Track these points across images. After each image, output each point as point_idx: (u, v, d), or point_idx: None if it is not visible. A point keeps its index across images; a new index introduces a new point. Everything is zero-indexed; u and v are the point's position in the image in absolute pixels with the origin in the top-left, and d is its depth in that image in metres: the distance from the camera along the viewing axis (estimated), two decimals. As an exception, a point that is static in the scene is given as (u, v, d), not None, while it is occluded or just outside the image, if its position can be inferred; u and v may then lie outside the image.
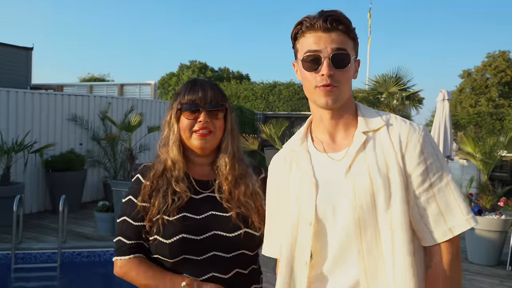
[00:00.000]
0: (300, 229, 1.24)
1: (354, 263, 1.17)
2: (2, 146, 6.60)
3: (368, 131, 1.23)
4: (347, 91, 1.24)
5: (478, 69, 29.28)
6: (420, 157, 1.18)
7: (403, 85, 7.38)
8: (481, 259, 5.40)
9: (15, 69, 15.62)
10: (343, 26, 1.20)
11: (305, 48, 1.22)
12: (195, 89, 1.47)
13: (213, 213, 1.44)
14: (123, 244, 1.46)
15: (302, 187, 1.26)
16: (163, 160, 1.49)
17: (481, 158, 5.63)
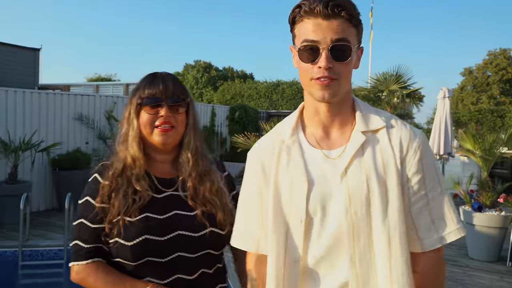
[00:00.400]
0: (291, 226, 1.17)
1: (346, 268, 1.13)
2: (9, 145, 6.71)
3: (367, 131, 1.16)
4: (347, 84, 1.15)
5: (479, 67, 29.16)
6: (419, 164, 1.14)
7: (403, 83, 7.42)
8: (481, 255, 5.44)
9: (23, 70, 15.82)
10: (345, 12, 1.08)
11: (302, 36, 1.11)
12: (155, 83, 1.40)
13: (177, 213, 1.38)
14: (80, 248, 1.36)
15: (293, 182, 1.17)
16: (122, 158, 1.41)
17: (481, 155, 5.66)
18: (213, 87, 25.57)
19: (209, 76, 26.96)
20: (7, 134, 6.83)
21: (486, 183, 5.52)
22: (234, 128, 12.45)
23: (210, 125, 11.96)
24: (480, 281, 4.73)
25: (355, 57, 1.15)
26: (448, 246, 6.03)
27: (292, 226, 1.17)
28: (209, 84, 26.44)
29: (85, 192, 1.41)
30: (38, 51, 16.59)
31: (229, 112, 13.01)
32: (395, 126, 1.18)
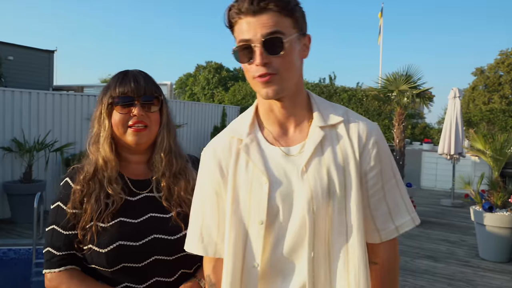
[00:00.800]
0: (250, 228, 1.12)
1: (303, 269, 1.10)
2: (24, 145, 6.83)
3: (325, 126, 1.14)
4: (292, 77, 1.10)
5: (491, 66, 28.78)
6: (377, 158, 1.14)
7: (413, 83, 7.38)
8: (492, 256, 5.41)
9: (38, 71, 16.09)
10: (273, 4, 1.04)
11: (238, 37, 1.09)
12: (126, 81, 1.34)
13: (152, 215, 1.33)
14: (52, 255, 1.32)
15: (253, 182, 1.13)
16: (94, 161, 1.35)
17: (492, 154, 5.62)
18: (224, 88, 25.66)
19: (220, 77, 27.06)
20: (22, 135, 6.96)
21: (497, 183, 5.48)
22: (245, 129, 12.48)
23: (221, 126, 12.03)
24: (491, 282, 4.71)
25: (297, 47, 1.10)
26: (459, 247, 6.01)
27: (251, 229, 1.12)
28: (220, 85, 26.53)
29: (56, 197, 1.37)
30: (52, 53, 16.86)
31: (240, 112, 13.06)
32: (352, 120, 1.17)
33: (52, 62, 16.70)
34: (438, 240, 6.37)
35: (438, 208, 8.93)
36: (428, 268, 5.07)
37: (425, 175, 11.68)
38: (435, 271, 5.00)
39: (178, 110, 10.52)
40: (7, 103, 6.90)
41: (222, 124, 12.14)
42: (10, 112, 6.94)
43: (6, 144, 6.84)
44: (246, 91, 19.55)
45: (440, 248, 5.93)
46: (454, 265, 5.23)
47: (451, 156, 8.84)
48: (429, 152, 11.73)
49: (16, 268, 5.20)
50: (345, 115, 1.18)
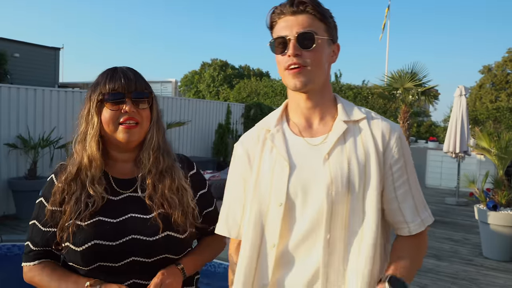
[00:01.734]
0: (270, 210, 1.21)
1: (318, 251, 1.16)
2: (29, 141, 6.87)
3: (349, 121, 1.24)
4: (320, 73, 1.22)
5: (499, 64, 28.57)
6: (400, 152, 1.22)
7: (418, 81, 7.34)
8: (496, 255, 5.38)
9: (44, 68, 16.18)
10: (310, 8, 1.19)
11: (276, 34, 1.23)
12: (116, 77, 1.32)
13: (132, 216, 1.31)
14: (29, 250, 1.35)
15: (275, 168, 1.23)
16: (78, 160, 1.34)
17: (497, 153, 5.58)
18: (229, 85, 25.67)
19: (225, 74, 27.07)
20: (27, 131, 7.00)
21: (501, 182, 5.44)
22: (250, 126, 12.45)
23: (225, 123, 12.04)
24: (495, 281, 4.69)
25: (326, 49, 1.24)
26: (462, 245, 5.98)
27: (271, 210, 1.21)
28: (225, 82, 26.55)
29: (41, 193, 1.38)
30: (58, 50, 16.96)
31: (245, 109, 13.06)
32: (376, 118, 1.27)
33: (58, 59, 16.80)
34: (442, 238, 6.34)
35: (442, 207, 8.89)
36: (431, 267, 5.05)
37: (430, 173, 11.63)
38: (439, 269, 4.98)
39: (183, 108, 10.54)
40: (12, 100, 6.94)
41: (227, 122, 12.14)
42: (16, 109, 6.98)
43: (11, 140, 6.88)
44: (251, 88, 19.54)
45: (443, 247, 5.91)
46: (457, 264, 5.21)
47: (456, 154, 8.79)
48: (434, 150, 11.67)
49: (21, 264, 5.25)
50: (369, 113, 1.28)
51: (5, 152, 6.83)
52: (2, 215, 6.78)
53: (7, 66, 14.14)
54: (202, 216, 1.44)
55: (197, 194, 1.44)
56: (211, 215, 1.48)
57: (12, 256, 5.34)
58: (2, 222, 6.43)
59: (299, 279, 1.19)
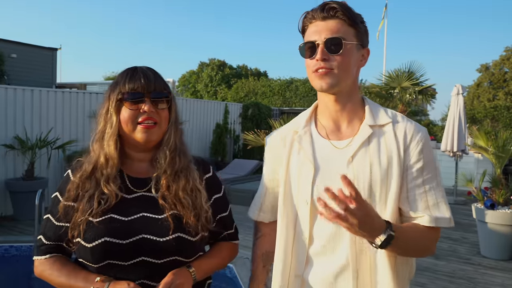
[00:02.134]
0: (299, 207, 1.31)
1: (346, 247, 1.24)
2: (26, 142, 6.86)
3: (375, 125, 1.28)
4: (346, 77, 1.27)
5: (496, 63, 28.61)
6: (420, 154, 1.25)
7: (415, 80, 7.35)
8: (494, 254, 5.38)
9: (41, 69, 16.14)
10: (340, 13, 1.24)
11: (306, 38, 1.29)
12: (136, 77, 1.32)
13: (144, 215, 1.30)
14: (42, 243, 1.36)
15: (302, 168, 1.31)
16: (94, 159, 1.34)
17: (494, 152, 5.59)
18: (227, 85, 25.66)
19: (223, 74, 27.05)
20: (24, 132, 6.99)
21: (499, 181, 5.45)
22: (247, 126, 12.49)
23: (223, 123, 12.03)
24: (493, 280, 4.69)
25: (355, 54, 1.27)
26: (460, 244, 5.99)
27: (300, 207, 1.31)
28: (223, 82, 26.53)
29: (58, 187, 1.39)
30: (55, 51, 16.92)
31: (242, 109, 13.05)
32: (401, 121, 1.29)
33: (55, 59, 16.76)
34: (440, 237, 6.34)
35: (440, 206, 8.89)
36: (429, 266, 5.05)
37: (428, 173, 11.63)
38: (436, 268, 4.99)
39: (180, 108, 10.43)
40: (9, 101, 6.92)
41: (225, 121, 12.14)
42: (13, 110, 6.97)
43: (9, 141, 6.87)
44: (249, 88, 19.55)
45: (441, 246, 5.91)
46: (455, 263, 5.21)
47: (454, 153, 8.80)
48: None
49: (18, 265, 5.23)
50: (395, 117, 1.31)
51: (2, 153, 6.82)
52: (0, 216, 6.76)
53: (4, 67, 14.09)
54: (216, 221, 1.42)
55: (211, 198, 1.42)
56: (225, 220, 1.47)
57: (9, 258, 5.33)
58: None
59: (326, 273, 1.27)
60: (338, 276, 1.25)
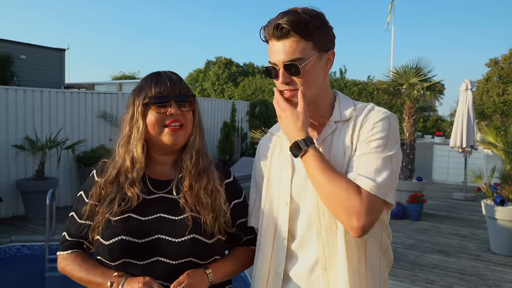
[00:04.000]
0: (279, 208, 1.35)
1: (314, 241, 1.28)
2: (36, 143, 6.93)
3: (339, 121, 1.32)
4: (312, 89, 1.29)
5: (506, 57, 28.26)
6: (369, 131, 1.25)
7: (423, 76, 7.30)
8: (504, 250, 5.36)
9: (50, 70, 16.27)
10: (293, 32, 1.22)
11: (269, 56, 1.30)
12: (161, 81, 1.36)
13: (161, 216, 1.33)
14: (64, 239, 1.42)
15: (282, 170, 1.37)
16: (120, 163, 1.38)
17: (503, 147, 5.55)
18: (234, 83, 25.66)
19: (230, 72, 27.05)
20: (34, 133, 7.06)
21: (508, 177, 5.41)
22: (255, 124, 12.50)
23: (230, 121, 12.05)
24: (503, 276, 4.67)
25: (318, 65, 1.28)
26: (470, 241, 5.97)
27: (280, 208, 1.35)
28: (230, 80, 26.53)
29: (82, 186, 1.44)
30: (63, 52, 17.04)
31: (250, 107, 13.06)
32: (364, 113, 1.31)
33: (63, 60, 16.88)
34: (449, 234, 6.33)
35: (449, 202, 8.85)
36: (438, 263, 5.04)
37: (437, 169, 11.58)
38: (446, 265, 4.97)
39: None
40: (19, 102, 7.00)
41: (232, 120, 12.15)
42: (23, 111, 7.05)
43: (19, 142, 6.95)
44: (256, 86, 19.53)
45: (451, 242, 5.89)
46: (465, 260, 5.19)
47: (463, 149, 8.75)
48: (440, 145, 11.61)
49: (30, 264, 5.30)
50: (361, 110, 1.32)
51: (13, 153, 6.90)
52: (11, 216, 6.86)
53: (13, 68, 14.23)
54: (235, 226, 1.44)
55: (231, 203, 1.44)
56: (244, 225, 1.48)
57: (21, 257, 5.40)
58: (11, 223, 6.50)
59: (303, 268, 1.32)
60: (311, 271, 1.30)
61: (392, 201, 1.22)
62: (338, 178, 1.20)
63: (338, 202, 1.18)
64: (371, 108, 1.33)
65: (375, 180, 1.19)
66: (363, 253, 1.27)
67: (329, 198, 1.20)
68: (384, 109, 1.32)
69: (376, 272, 1.31)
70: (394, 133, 1.27)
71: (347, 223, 1.18)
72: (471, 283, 4.47)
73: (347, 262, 1.24)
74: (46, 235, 5.22)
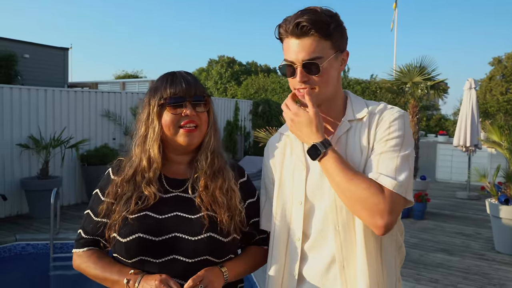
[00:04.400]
0: (293, 208, 1.35)
1: (331, 240, 1.28)
2: (41, 141, 6.95)
3: (353, 119, 1.33)
4: (328, 90, 1.31)
5: (509, 55, 28.17)
6: (386, 130, 1.27)
7: (427, 75, 7.28)
8: (508, 249, 5.35)
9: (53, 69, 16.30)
10: (314, 30, 1.23)
11: (284, 54, 1.30)
12: (177, 82, 1.36)
13: (177, 214, 1.34)
14: (80, 237, 1.42)
15: (294, 170, 1.37)
16: (136, 163, 1.39)
17: (508, 146, 5.53)
18: (236, 82, 25.65)
19: (233, 71, 27.04)
20: (38, 132, 7.09)
21: (513, 176, 5.39)
22: (258, 123, 12.51)
23: (233, 120, 12.05)
24: (507, 275, 4.66)
25: (334, 65, 1.29)
26: (474, 240, 5.95)
27: (294, 208, 1.35)
28: (233, 79, 26.52)
29: (98, 184, 1.45)
30: (67, 50, 17.08)
31: (253, 106, 13.06)
32: (378, 111, 1.32)
33: (67, 59, 16.93)
34: (453, 233, 6.31)
35: (453, 201, 8.83)
36: (442, 262, 5.03)
37: (440, 168, 11.55)
38: (450, 264, 4.97)
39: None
40: (23, 101, 7.02)
41: (235, 118, 12.16)
42: (27, 110, 7.07)
43: (23, 141, 6.97)
44: (259, 85, 19.53)
45: (454, 241, 5.88)
46: (469, 259, 5.18)
47: (466, 148, 8.72)
48: (444, 144, 11.58)
49: (34, 263, 5.33)
50: (374, 109, 1.34)
51: (17, 152, 6.92)
52: (16, 214, 6.88)
53: (17, 67, 14.26)
54: (249, 225, 1.45)
55: (246, 202, 1.45)
56: (258, 225, 1.49)
57: (26, 255, 5.42)
58: (15, 221, 6.53)
59: (318, 267, 1.31)
60: (327, 270, 1.30)
61: (411, 199, 1.24)
62: (359, 178, 1.21)
63: (360, 202, 1.19)
64: (384, 107, 1.34)
65: (397, 179, 1.20)
66: (379, 250, 1.28)
67: (350, 198, 1.21)
68: (397, 108, 1.34)
69: (392, 269, 1.32)
70: (409, 132, 1.30)
71: (370, 222, 1.19)
72: (476, 282, 4.46)
73: (367, 258, 1.24)
74: (51, 233, 5.23)
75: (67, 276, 5.12)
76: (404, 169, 1.22)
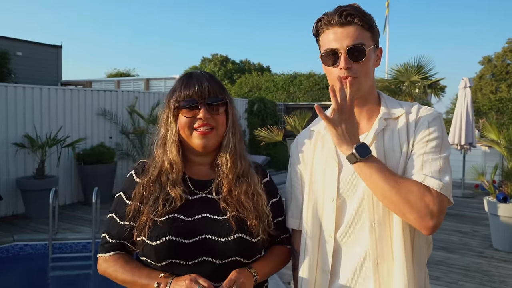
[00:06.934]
0: (325, 204, 1.35)
1: (366, 236, 1.29)
2: (36, 140, 6.88)
3: (389, 118, 1.34)
4: (367, 81, 1.32)
5: (499, 55, 28.53)
6: (426, 130, 1.28)
7: (424, 74, 7.33)
8: (507, 246, 5.40)
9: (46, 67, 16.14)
10: (358, 19, 1.27)
11: (325, 44, 1.31)
12: (191, 84, 1.36)
13: (205, 216, 1.33)
14: (105, 241, 1.40)
15: (326, 167, 1.36)
16: (160, 164, 1.38)
17: (506, 145, 5.58)
18: (230, 80, 25.61)
19: (226, 70, 26.99)
20: (34, 130, 7.01)
21: (510, 174, 5.45)
22: (253, 121, 12.50)
23: (228, 119, 12.01)
24: (507, 273, 4.71)
25: (373, 57, 1.32)
26: (472, 237, 6.00)
27: (326, 204, 1.35)
28: (226, 78, 26.48)
29: (121, 187, 1.44)
30: (60, 48, 16.93)
31: (248, 105, 13.04)
32: (414, 111, 1.33)
33: (60, 57, 16.77)
34: (451, 231, 6.36)
35: (448, 199, 8.88)
36: (442, 259, 5.07)
37: (435, 166, 11.61)
38: (450, 262, 5.01)
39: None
40: (18, 99, 6.94)
41: (230, 117, 12.11)
42: (22, 108, 6.99)
43: (19, 140, 6.89)
44: (253, 83, 19.51)
45: (452, 239, 5.93)
46: (468, 256, 5.23)
47: (461, 146, 8.79)
48: (438, 142, 11.64)
49: (33, 263, 5.27)
50: (409, 108, 1.35)
51: (12, 151, 6.84)
52: (11, 214, 6.80)
53: (10, 65, 14.08)
54: (273, 224, 1.43)
55: (269, 202, 1.43)
56: (282, 224, 1.48)
57: (24, 256, 5.37)
58: (11, 221, 6.45)
59: (351, 263, 1.32)
60: (361, 266, 1.30)
61: (452, 200, 1.25)
62: (403, 181, 1.21)
63: (408, 204, 1.18)
64: (419, 107, 1.35)
65: (442, 180, 1.22)
66: (410, 246, 1.28)
67: (396, 201, 1.20)
68: (432, 108, 1.35)
69: (422, 265, 1.33)
70: (446, 132, 1.32)
71: (421, 223, 1.19)
72: (476, 279, 4.50)
73: (405, 255, 1.25)
74: (49, 234, 5.19)
75: (66, 276, 5.08)
76: (447, 170, 1.24)
